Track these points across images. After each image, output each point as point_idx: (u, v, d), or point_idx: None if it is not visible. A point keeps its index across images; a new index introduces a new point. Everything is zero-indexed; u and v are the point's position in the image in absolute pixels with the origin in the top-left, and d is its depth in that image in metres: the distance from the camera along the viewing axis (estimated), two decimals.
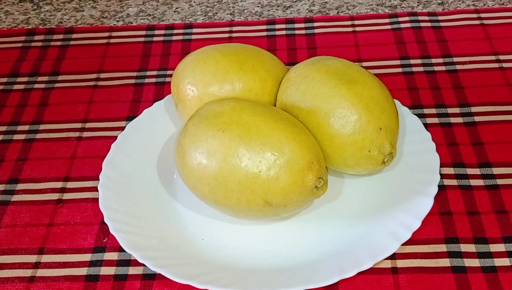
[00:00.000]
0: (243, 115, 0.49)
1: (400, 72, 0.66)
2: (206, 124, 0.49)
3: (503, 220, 0.51)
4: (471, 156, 0.56)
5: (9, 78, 0.69)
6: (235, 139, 0.48)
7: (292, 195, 0.48)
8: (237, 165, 0.47)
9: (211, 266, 0.48)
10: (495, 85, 0.63)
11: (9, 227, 0.53)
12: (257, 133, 0.48)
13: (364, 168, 0.52)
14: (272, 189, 0.47)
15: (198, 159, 0.49)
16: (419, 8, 0.75)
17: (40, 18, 0.78)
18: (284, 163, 0.47)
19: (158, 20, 0.77)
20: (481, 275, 0.47)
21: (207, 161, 0.48)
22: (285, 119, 0.49)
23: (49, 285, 0.49)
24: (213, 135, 0.48)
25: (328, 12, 0.76)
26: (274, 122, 0.49)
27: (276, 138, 0.48)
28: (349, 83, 0.51)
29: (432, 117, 0.60)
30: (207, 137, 0.48)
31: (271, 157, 0.47)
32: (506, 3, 0.75)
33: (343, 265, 0.47)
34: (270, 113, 0.49)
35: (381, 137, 0.50)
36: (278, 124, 0.48)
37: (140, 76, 0.68)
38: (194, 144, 0.49)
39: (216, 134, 0.48)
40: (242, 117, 0.49)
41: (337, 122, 0.50)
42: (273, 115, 0.49)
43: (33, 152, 0.60)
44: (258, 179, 0.47)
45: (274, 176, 0.47)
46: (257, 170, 0.47)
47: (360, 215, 0.52)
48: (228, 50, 0.56)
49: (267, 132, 0.48)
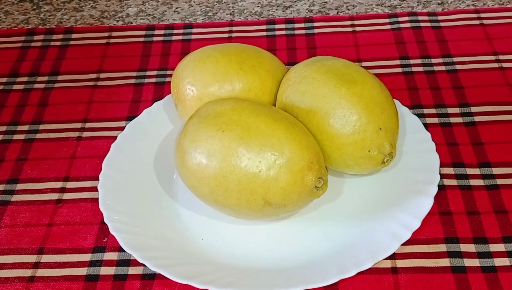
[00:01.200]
0: (243, 115, 0.49)
1: (400, 72, 0.66)
2: (205, 124, 0.49)
3: (503, 220, 0.51)
4: (471, 156, 0.56)
5: (9, 78, 0.69)
6: (235, 139, 0.48)
7: (292, 195, 0.48)
8: (237, 165, 0.47)
9: (211, 266, 0.48)
10: (495, 85, 0.63)
11: (9, 227, 0.53)
12: (257, 133, 0.48)
13: (364, 168, 0.52)
14: (272, 189, 0.47)
15: (198, 159, 0.48)
16: (419, 8, 0.75)
17: (40, 18, 0.78)
18: (284, 163, 0.47)
19: (158, 20, 0.77)
20: (481, 275, 0.47)
21: (206, 161, 0.48)
22: (284, 119, 0.49)
23: (49, 285, 0.49)
24: (213, 135, 0.48)
25: (328, 12, 0.76)
26: (274, 122, 0.49)
27: (276, 138, 0.48)
28: (349, 83, 0.51)
29: (432, 117, 0.60)
30: (206, 137, 0.48)
31: (271, 157, 0.47)
32: (506, 3, 0.75)
33: (343, 265, 0.47)
34: (270, 113, 0.49)
35: (380, 137, 0.50)
36: (277, 124, 0.48)
37: (140, 76, 0.68)
38: (193, 144, 0.49)
39: (216, 134, 0.48)
40: (242, 117, 0.49)
41: (337, 122, 0.50)
42: (272, 115, 0.49)
43: (33, 152, 0.60)
44: (258, 179, 0.47)
45: (274, 176, 0.47)
46: (257, 170, 0.47)
47: (360, 215, 0.52)
48: (228, 50, 0.56)
49: (267, 132, 0.48)
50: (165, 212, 0.53)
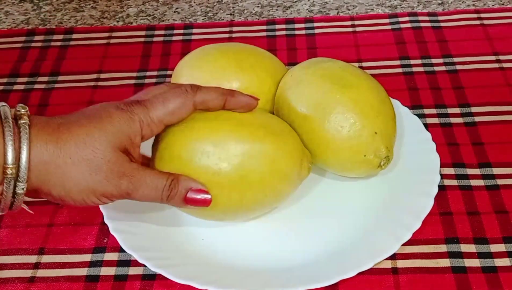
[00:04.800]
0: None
1: (400, 72, 0.66)
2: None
3: (503, 220, 0.51)
4: (471, 156, 0.56)
5: (9, 78, 0.69)
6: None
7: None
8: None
9: (211, 266, 0.48)
10: (495, 85, 0.63)
11: (9, 227, 0.53)
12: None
13: (361, 171, 0.52)
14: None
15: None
16: (419, 8, 0.75)
17: (40, 19, 0.78)
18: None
19: (158, 20, 0.77)
20: (482, 275, 0.47)
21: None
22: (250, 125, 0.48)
23: (49, 286, 0.49)
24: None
25: (328, 12, 0.76)
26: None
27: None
28: (344, 87, 0.51)
29: (432, 117, 0.60)
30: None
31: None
32: (506, 3, 0.75)
33: (343, 265, 0.47)
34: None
35: (376, 141, 0.50)
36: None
37: (140, 76, 0.68)
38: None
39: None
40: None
41: (332, 127, 0.50)
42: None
43: None
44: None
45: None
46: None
47: (360, 215, 0.52)
48: (227, 49, 0.56)
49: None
50: (165, 212, 0.53)
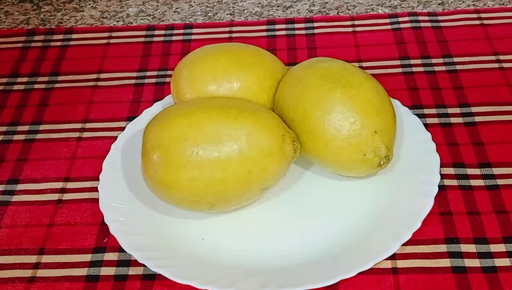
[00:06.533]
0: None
1: (400, 72, 0.66)
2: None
3: (503, 220, 0.51)
4: (471, 156, 0.56)
5: (9, 78, 0.69)
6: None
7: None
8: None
9: (211, 267, 0.48)
10: (495, 85, 0.63)
11: (9, 227, 0.53)
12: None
13: (361, 171, 0.52)
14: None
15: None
16: (419, 8, 0.75)
17: (40, 19, 0.78)
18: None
19: (158, 20, 0.77)
20: (482, 275, 0.47)
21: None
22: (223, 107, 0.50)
23: (49, 286, 0.49)
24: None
25: (328, 12, 0.76)
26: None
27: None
28: (344, 87, 0.51)
29: (432, 117, 0.60)
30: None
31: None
32: (506, 3, 0.75)
33: (343, 265, 0.47)
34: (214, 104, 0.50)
35: (376, 141, 0.50)
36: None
37: (140, 76, 0.68)
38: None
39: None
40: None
41: (332, 126, 0.50)
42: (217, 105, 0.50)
43: (33, 152, 0.60)
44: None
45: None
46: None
47: (360, 215, 0.52)
48: (227, 49, 0.56)
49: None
50: (165, 212, 0.53)
